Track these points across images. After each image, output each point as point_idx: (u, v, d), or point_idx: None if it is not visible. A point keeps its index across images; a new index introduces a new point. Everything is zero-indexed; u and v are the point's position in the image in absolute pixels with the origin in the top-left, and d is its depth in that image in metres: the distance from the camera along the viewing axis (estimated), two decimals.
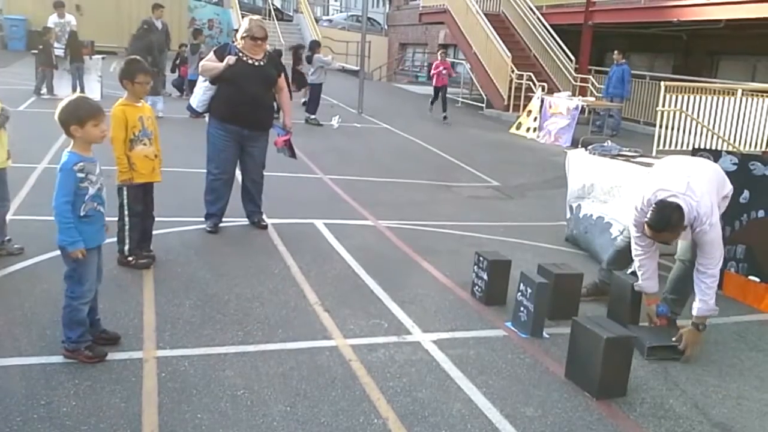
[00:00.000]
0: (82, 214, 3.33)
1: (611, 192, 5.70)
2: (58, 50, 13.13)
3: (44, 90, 12.93)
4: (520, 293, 4.23)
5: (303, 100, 13.59)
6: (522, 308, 4.20)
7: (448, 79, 14.91)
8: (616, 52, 14.34)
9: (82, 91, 11.94)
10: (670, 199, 3.82)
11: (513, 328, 4.23)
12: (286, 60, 11.64)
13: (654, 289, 4.25)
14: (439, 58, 15.19)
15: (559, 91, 15.20)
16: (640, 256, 4.19)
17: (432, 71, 15.51)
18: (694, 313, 3.96)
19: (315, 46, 13.53)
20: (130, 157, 4.56)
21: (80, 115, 3.30)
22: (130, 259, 4.71)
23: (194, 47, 14.06)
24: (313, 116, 12.80)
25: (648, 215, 3.84)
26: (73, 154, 3.33)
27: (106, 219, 3.55)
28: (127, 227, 4.69)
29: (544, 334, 4.16)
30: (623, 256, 4.67)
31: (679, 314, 4.38)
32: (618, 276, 4.49)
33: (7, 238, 4.84)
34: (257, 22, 5.73)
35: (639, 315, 4.38)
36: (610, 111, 14.23)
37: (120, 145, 4.50)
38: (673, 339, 4.00)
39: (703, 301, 3.92)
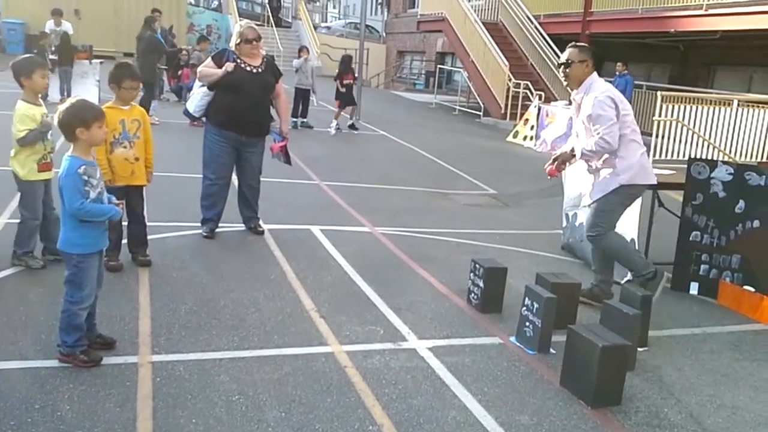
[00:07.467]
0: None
1: None
2: (53, 55, 13.13)
3: None
4: (525, 308, 4.09)
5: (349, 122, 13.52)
6: (527, 323, 4.06)
7: None
8: (619, 63, 14.31)
9: (69, 95, 11.91)
10: None
11: (518, 344, 4.10)
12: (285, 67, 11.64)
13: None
14: None
15: (556, 99, 15.25)
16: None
17: None
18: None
19: (299, 50, 13.59)
20: (110, 160, 4.56)
21: (86, 117, 3.31)
22: (105, 259, 4.66)
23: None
24: (300, 120, 12.88)
25: None
26: (75, 159, 3.31)
27: None
28: None
29: (551, 349, 4.05)
30: (604, 256, 4.93)
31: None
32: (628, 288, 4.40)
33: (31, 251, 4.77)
34: (247, 23, 5.77)
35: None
36: None
37: (101, 146, 4.46)
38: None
39: (583, 150, 4.67)
